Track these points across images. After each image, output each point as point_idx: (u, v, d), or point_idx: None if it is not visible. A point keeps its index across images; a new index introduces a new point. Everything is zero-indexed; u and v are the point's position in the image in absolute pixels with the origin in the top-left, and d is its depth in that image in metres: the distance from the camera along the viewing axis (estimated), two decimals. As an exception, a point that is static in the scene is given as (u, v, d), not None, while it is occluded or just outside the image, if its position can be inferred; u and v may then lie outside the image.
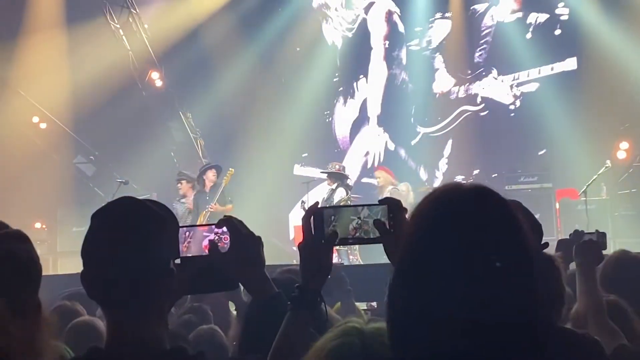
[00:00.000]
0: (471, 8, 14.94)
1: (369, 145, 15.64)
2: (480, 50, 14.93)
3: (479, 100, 14.92)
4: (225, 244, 2.13)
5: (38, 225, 13.63)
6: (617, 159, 12.54)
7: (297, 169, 15.68)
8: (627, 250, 4.03)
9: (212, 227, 2.18)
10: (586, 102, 13.22)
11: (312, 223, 2.00)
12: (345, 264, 10.01)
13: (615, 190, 12.36)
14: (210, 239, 2.16)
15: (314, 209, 2.02)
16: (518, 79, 14.61)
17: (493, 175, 13.67)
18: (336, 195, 11.34)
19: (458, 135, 14.87)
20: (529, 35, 14.53)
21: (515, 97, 14.65)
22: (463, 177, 13.99)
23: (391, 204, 2.03)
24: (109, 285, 1.85)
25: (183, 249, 2.09)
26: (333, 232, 2.00)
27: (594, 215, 11.20)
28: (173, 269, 1.92)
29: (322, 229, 1.99)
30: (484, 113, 14.88)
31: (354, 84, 15.87)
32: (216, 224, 2.16)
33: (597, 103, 13.10)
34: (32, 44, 12.82)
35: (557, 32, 14.30)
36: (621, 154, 12.72)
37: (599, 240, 3.68)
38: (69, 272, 9.04)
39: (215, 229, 2.17)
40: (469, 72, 15.02)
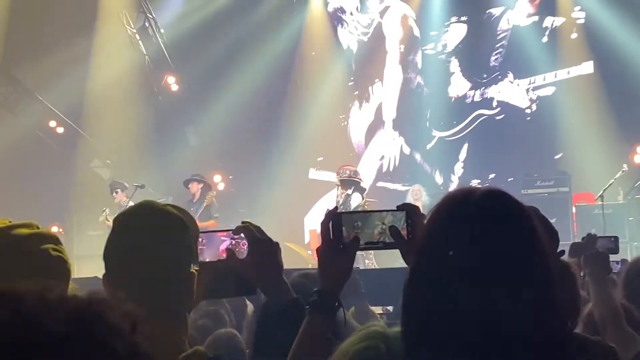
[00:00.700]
0: (487, 12, 14.90)
1: (384, 149, 15.61)
2: (496, 54, 14.88)
3: (494, 104, 14.87)
4: (243, 249, 2.14)
5: (54, 229, 13.67)
6: (634, 163, 12.47)
7: (313, 172, 15.67)
8: None
9: (230, 233, 2.19)
10: (603, 106, 13.18)
11: (331, 228, 2.00)
12: (360, 268, 9.98)
13: (632, 195, 12.28)
14: (228, 245, 2.18)
15: (333, 214, 2.02)
16: (534, 82, 14.55)
17: (509, 180, 13.62)
18: (353, 201, 11.27)
19: (474, 139, 14.83)
20: (545, 39, 14.49)
21: (532, 101, 14.59)
22: (479, 181, 13.92)
23: (409, 210, 2.03)
24: (130, 289, 1.86)
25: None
26: (355, 237, 2.00)
27: (610, 220, 11.13)
28: (194, 273, 1.93)
29: (340, 234, 2.00)
30: (499, 117, 14.83)
31: (369, 88, 15.85)
32: (233, 231, 2.17)
33: (613, 107, 13.07)
34: (49, 49, 12.89)
35: (574, 35, 14.25)
36: (638, 158, 12.64)
37: (610, 246, 3.66)
38: (85, 275, 9.07)
39: (233, 234, 2.18)
40: (485, 76, 14.96)
